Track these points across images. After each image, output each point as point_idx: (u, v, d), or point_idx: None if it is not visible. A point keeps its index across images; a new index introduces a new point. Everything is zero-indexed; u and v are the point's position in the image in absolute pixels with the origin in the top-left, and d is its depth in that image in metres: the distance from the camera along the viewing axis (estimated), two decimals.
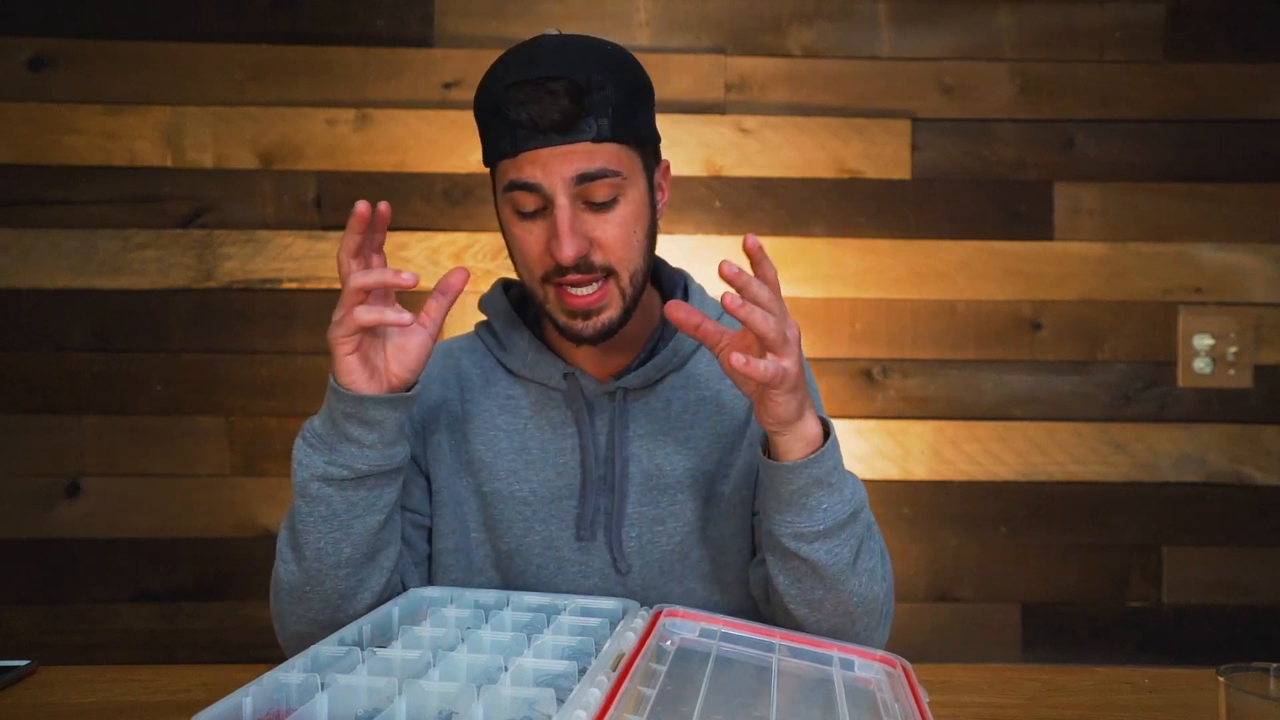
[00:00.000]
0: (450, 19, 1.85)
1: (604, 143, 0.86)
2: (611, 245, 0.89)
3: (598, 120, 0.86)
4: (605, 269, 0.89)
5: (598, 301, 0.90)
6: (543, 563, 0.99)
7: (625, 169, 0.88)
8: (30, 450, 1.81)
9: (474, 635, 0.76)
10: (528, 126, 0.85)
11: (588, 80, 0.85)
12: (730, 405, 1.02)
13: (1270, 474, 1.88)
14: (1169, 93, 1.89)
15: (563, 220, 0.86)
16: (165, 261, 1.82)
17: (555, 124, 0.84)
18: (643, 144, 0.92)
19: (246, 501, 1.83)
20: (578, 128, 0.85)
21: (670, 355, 1.00)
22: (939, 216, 1.88)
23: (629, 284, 0.91)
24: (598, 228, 0.88)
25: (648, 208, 0.93)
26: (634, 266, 0.91)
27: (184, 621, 1.82)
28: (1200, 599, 1.88)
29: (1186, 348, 1.88)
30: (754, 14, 1.88)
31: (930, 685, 0.85)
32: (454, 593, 0.91)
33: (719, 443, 1.01)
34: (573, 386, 0.98)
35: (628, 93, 0.89)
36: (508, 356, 1.02)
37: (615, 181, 0.88)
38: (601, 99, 0.86)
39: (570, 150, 0.86)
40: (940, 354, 1.88)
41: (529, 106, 0.85)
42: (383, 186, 1.85)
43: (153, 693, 0.86)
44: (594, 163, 0.86)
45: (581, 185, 0.86)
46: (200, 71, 1.83)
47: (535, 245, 0.89)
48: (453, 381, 1.04)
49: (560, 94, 0.84)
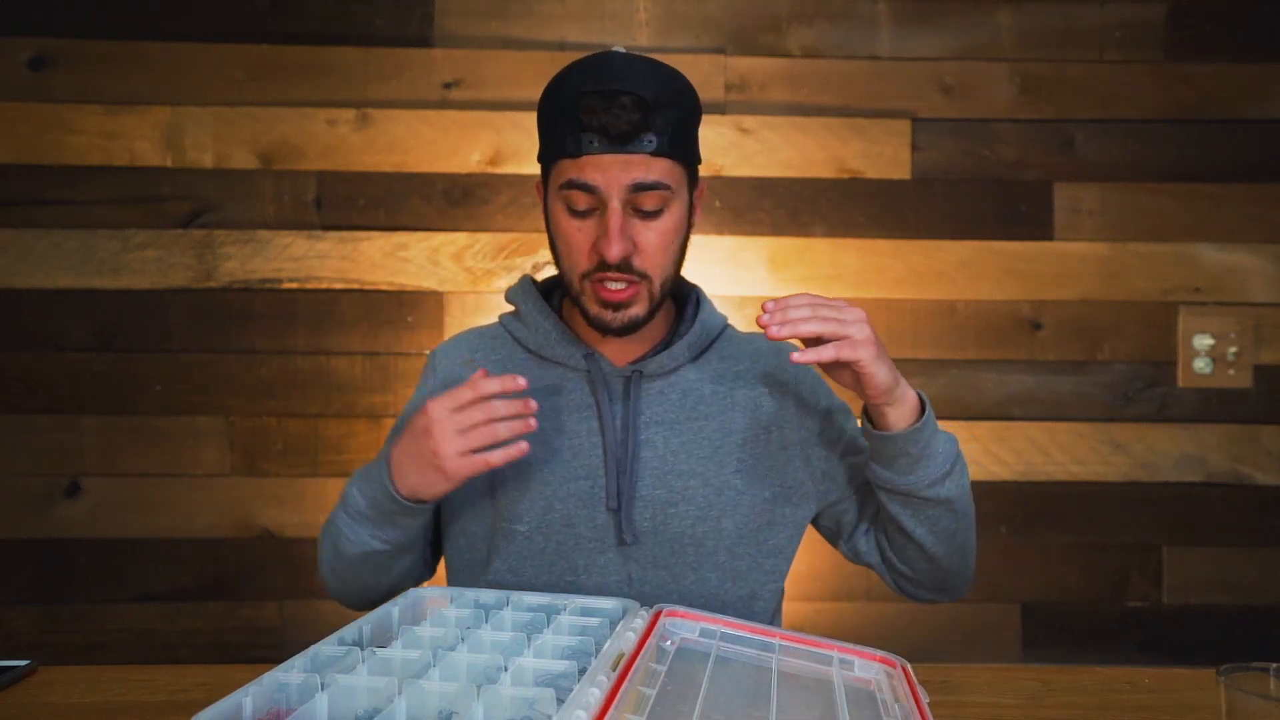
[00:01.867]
0: (450, 19, 1.85)
1: (660, 157, 0.95)
2: (651, 253, 0.97)
3: (658, 136, 0.94)
4: (642, 274, 0.97)
5: (629, 297, 0.98)
6: (562, 539, 1.01)
7: (674, 183, 0.97)
8: (30, 450, 1.81)
9: (474, 635, 0.76)
10: (598, 132, 0.93)
11: (655, 98, 0.94)
12: (744, 403, 1.06)
13: (1270, 474, 1.88)
14: (1169, 93, 1.89)
15: (614, 222, 0.94)
16: (165, 261, 1.83)
17: (622, 133, 0.93)
18: (690, 164, 1.01)
19: (246, 501, 1.83)
20: (639, 140, 0.94)
21: (684, 350, 1.06)
22: (939, 216, 1.88)
23: (659, 290, 1.00)
24: (642, 234, 0.97)
25: (686, 223, 1.02)
26: (666, 275, 1.00)
27: (184, 621, 1.83)
28: (1200, 599, 1.88)
29: (1186, 348, 1.88)
30: (754, 14, 1.88)
31: (930, 685, 0.85)
32: (454, 592, 0.91)
33: (730, 438, 1.05)
34: (594, 368, 1.04)
35: (685, 115, 0.98)
36: (532, 337, 1.07)
37: (664, 194, 0.96)
38: (663, 117, 0.95)
39: (629, 160, 0.94)
40: (940, 354, 1.88)
41: (601, 115, 0.92)
42: (383, 186, 1.85)
43: (153, 693, 0.86)
44: (649, 174, 0.95)
45: (635, 193, 0.95)
46: (200, 71, 1.83)
47: (584, 242, 0.97)
48: (466, 376, 1.06)
49: (630, 107, 0.92)
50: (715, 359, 1.09)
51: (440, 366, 1.11)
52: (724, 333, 1.12)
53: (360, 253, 1.84)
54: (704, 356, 1.08)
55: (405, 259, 1.85)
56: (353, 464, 1.83)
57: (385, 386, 1.84)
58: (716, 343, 1.10)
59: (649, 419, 1.04)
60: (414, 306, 1.85)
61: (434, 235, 1.85)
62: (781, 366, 1.10)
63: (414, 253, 1.85)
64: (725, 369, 1.08)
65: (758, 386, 1.08)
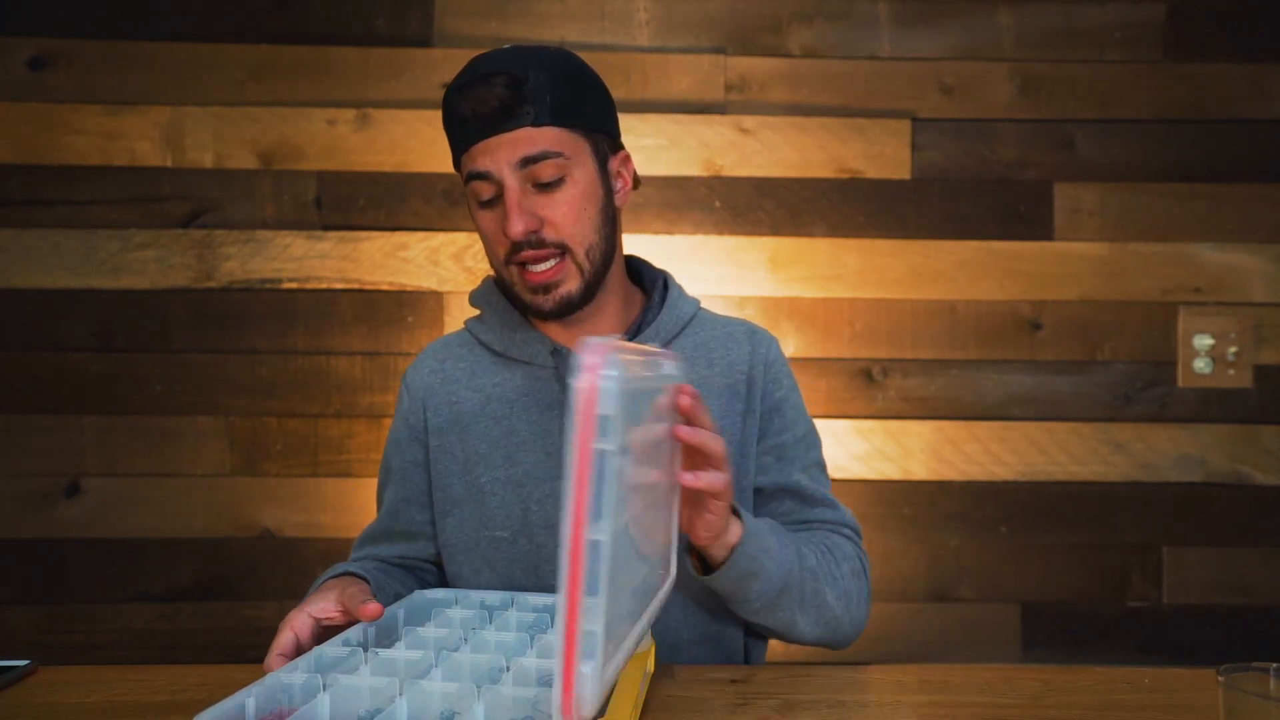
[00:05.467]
0: (450, 19, 1.85)
1: (543, 127, 0.94)
2: (561, 222, 0.96)
3: (535, 107, 0.93)
4: (559, 245, 0.96)
5: (554, 275, 0.97)
6: (543, 541, 1.01)
7: (569, 150, 0.95)
8: (30, 450, 1.81)
9: (477, 636, 0.76)
10: (472, 118, 0.94)
11: (524, 73, 0.93)
12: (719, 390, 1.05)
13: (1270, 474, 1.88)
14: (1169, 93, 1.89)
15: (510, 199, 0.94)
16: (165, 261, 1.82)
17: (495, 111, 0.93)
18: (591, 131, 0.98)
19: (246, 501, 1.83)
20: (516, 115, 0.93)
21: (653, 337, 1.04)
22: (939, 216, 1.88)
23: (585, 259, 0.98)
24: (546, 207, 0.95)
25: (600, 189, 0.99)
26: (588, 242, 0.98)
27: (184, 621, 1.82)
28: (1200, 599, 1.88)
29: (1186, 348, 1.88)
30: (754, 14, 1.88)
31: (930, 685, 0.85)
32: (459, 594, 0.91)
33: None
34: (560, 364, 1.02)
35: (567, 83, 0.96)
36: (497, 339, 1.06)
37: (559, 162, 0.94)
38: (537, 88, 0.93)
39: (513, 137, 0.93)
40: (940, 354, 1.88)
41: (471, 101, 0.93)
42: (383, 186, 1.85)
43: (153, 693, 0.86)
44: (535, 146, 0.94)
45: (526, 168, 0.94)
46: (200, 71, 1.83)
47: (494, 229, 0.97)
48: (437, 388, 1.08)
49: (498, 86, 0.92)
50: (688, 346, 1.06)
51: (412, 384, 1.10)
52: (695, 317, 1.09)
53: (360, 253, 1.84)
54: (675, 344, 1.06)
55: (405, 259, 1.85)
56: (352, 464, 1.83)
57: (385, 386, 1.84)
58: (688, 329, 1.08)
59: None
60: (414, 306, 1.85)
61: (434, 235, 1.85)
62: (757, 354, 1.07)
63: (414, 253, 1.85)
64: (699, 356, 1.06)
65: (732, 373, 1.06)
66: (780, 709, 0.81)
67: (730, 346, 1.08)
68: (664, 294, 1.09)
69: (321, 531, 1.83)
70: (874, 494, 1.86)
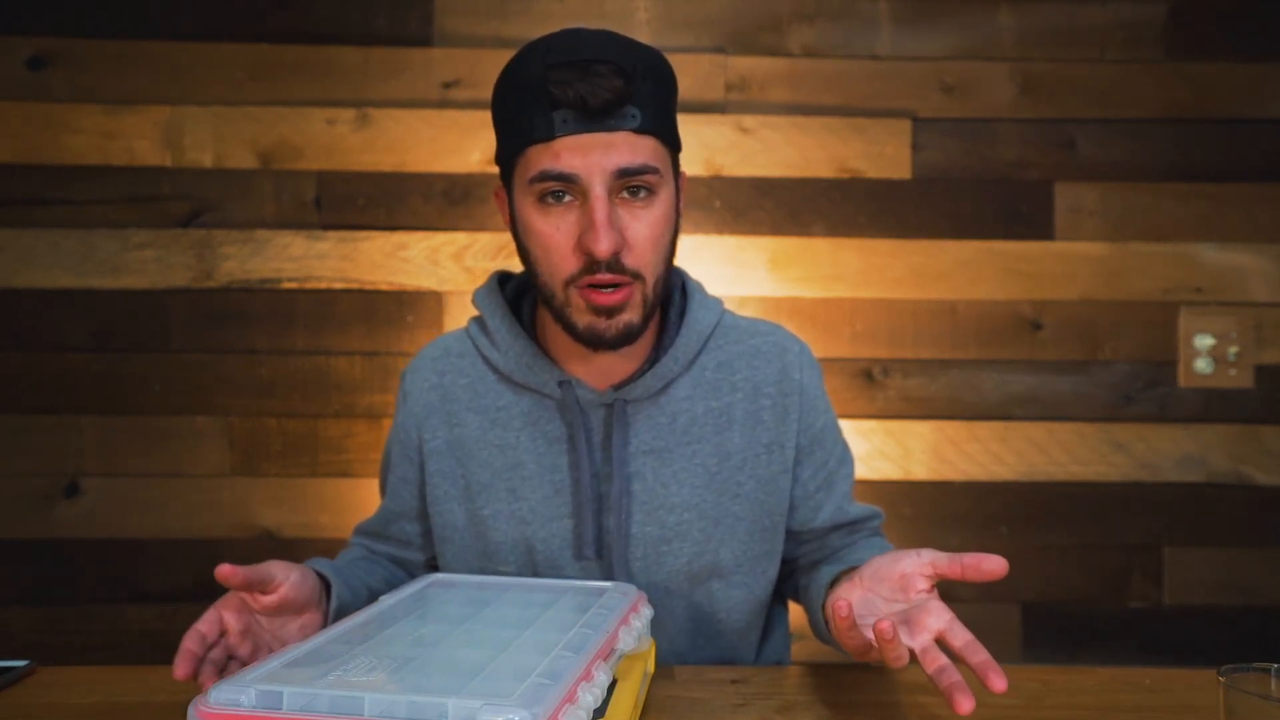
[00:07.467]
0: (450, 19, 1.85)
1: (646, 135, 0.81)
2: (642, 248, 0.83)
3: (642, 110, 0.80)
4: (634, 273, 0.84)
5: (622, 300, 0.84)
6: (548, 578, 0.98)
7: (662, 166, 0.84)
8: (30, 450, 1.81)
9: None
10: (575, 106, 0.79)
11: (633, 68, 0.80)
12: (741, 419, 0.96)
13: (1271, 474, 1.88)
14: (1169, 93, 1.89)
15: (600, 212, 0.80)
16: (165, 261, 1.82)
17: (603, 105, 0.79)
18: (675, 148, 0.88)
19: (245, 501, 1.83)
20: (623, 114, 0.80)
21: (672, 364, 0.94)
22: (939, 216, 1.88)
23: (651, 291, 0.86)
24: (631, 226, 0.83)
25: (674, 213, 0.88)
26: (657, 273, 0.86)
27: (184, 621, 1.81)
28: (1201, 599, 1.88)
29: (1187, 348, 1.88)
30: (754, 14, 1.88)
31: (930, 685, 0.85)
32: (461, 579, 0.91)
33: (730, 460, 0.95)
34: (568, 395, 0.93)
35: (668, 91, 0.85)
36: (502, 359, 0.96)
37: (653, 179, 0.83)
38: (646, 89, 0.81)
39: (611, 139, 0.80)
40: (941, 354, 1.88)
41: (577, 85, 0.78)
42: (382, 186, 1.84)
43: (153, 693, 0.86)
44: (637, 157, 0.81)
45: (621, 179, 0.81)
46: (200, 71, 1.83)
47: (564, 242, 0.83)
48: (437, 407, 1.00)
49: (609, 75, 0.78)
50: (710, 365, 0.97)
51: (410, 395, 1.02)
52: (718, 328, 0.99)
53: (360, 252, 1.84)
54: (697, 362, 0.97)
55: (405, 259, 1.84)
56: (352, 464, 1.83)
57: (385, 386, 1.84)
58: (709, 345, 0.98)
59: (636, 449, 0.93)
60: (414, 306, 1.85)
61: (434, 235, 1.85)
62: (785, 374, 0.98)
63: (414, 253, 1.85)
64: (720, 379, 0.97)
65: (758, 399, 0.97)
66: (780, 709, 0.80)
67: (756, 364, 0.98)
68: (683, 306, 0.98)
69: (321, 532, 1.83)
70: (874, 494, 1.86)
